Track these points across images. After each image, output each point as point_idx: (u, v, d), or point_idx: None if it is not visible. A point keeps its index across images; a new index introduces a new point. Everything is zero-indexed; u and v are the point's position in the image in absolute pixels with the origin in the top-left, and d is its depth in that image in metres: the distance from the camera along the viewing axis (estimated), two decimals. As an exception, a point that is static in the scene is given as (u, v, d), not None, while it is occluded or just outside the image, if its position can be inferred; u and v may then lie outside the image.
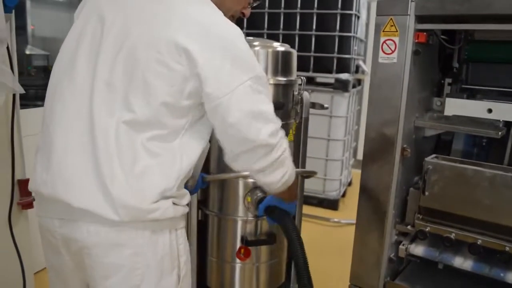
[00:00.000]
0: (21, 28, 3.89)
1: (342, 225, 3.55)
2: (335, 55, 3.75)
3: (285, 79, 1.59)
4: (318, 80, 3.93)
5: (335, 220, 3.64)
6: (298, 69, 3.91)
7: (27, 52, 3.25)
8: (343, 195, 4.15)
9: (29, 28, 3.93)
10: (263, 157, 1.11)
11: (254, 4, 1.40)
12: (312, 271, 2.61)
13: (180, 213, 1.13)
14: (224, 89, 1.05)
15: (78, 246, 1.08)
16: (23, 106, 1.99)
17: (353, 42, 3.79)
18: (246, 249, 1.59)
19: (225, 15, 1.14)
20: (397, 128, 1.59)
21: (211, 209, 1.67)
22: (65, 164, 1.07)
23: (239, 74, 1.06)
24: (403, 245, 1.70)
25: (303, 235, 1.42)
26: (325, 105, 1.74)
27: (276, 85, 1.57)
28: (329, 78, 3.81)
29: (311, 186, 3.98)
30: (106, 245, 1.06)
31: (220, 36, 1.07)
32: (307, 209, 3.82)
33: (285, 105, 1.59)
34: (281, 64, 1.59)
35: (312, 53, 3.80)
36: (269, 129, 1.11)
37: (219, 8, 1.13)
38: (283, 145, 1.15)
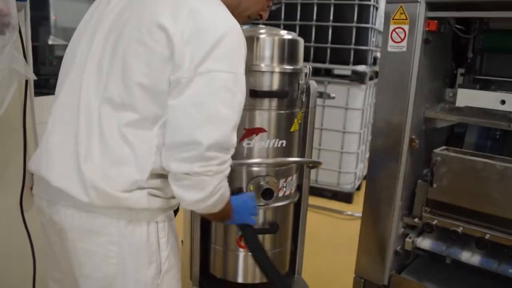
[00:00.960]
0: (44, 19, 3.96)
1: (355, 218, 3.52)
2: (352, 46, 3.70)
3: (291, 67, 1.57)
4: (336, 72, 3.89)
5: (348, 213, 3.61)
6: (315, 61, 3.90)
7: (50, 42, 3.31)
8: (358, 189, 4.11)
9: (52, 18, 4.00)
10: (185, 161, 0.98)
11: (273, 8, 1.36)
12: (323, 263, 2.61)
13: (157, 205, 1.08)
14: (190, 70, 0.97)
15: (58, 229, 1.09)
16: (45, 94, 2.02)
17: (371, 34, 3.74)
18: (247, 237, 1.59)
19: (240, 14, 1.10)
20: (405, 118, 1.56)
21: (215, 197, 1.67)
22: (51, 142, 1.09)
23: (215, 63, 0.98)
24: (409, 238, 1.67)
25: (316, 227, 1.41)
26: (332, 95, 1.71)
27: (282, 73, 1.56)
28: (346, 70, 3.76)
29: (325, 178, 3.96)
30: (81, 230, 1.06)
31: (208, 24, 1.00)
32: (320, 202, 3.83)
33: (290, 94, 1.57)
34: (287, 52, 1.57)
35: (329, 45, 3.76)
36: (215, 137, 0.98)
37: (236, 7, 1.09)
38: (221, 166, 1.01)
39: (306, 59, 3.68)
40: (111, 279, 1.07)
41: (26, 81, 1.84)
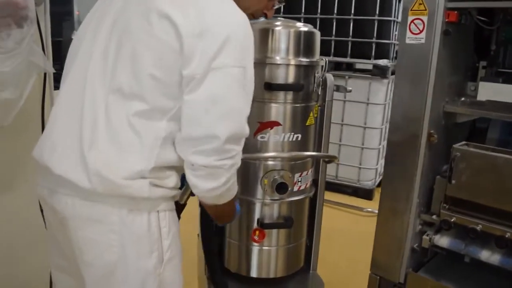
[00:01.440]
0: (67, 14, 4.03)
1: (375, 215, 3.45)
2: (374, 40, 3.63)
3: (306, 60, 1.55)
4: (357, 66, 3.83)
5: (369, 209, 3.56)
6: (336, 55, 3.84)
7: (73, 37, 3.36)
8: (379, 185, 4.04)
9: (75, 13, 4.06)
10: (204, 154, 1.01)
11: (277, 6, 1.36)
12: (340, 260, 2.57)
13: (158, 194, 1.08)
14: (204, 65, 0.98)
15: (60, 217, 1.10)
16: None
17: (393, 27, 3.66)
18: (261, 231, 1.58)
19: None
20: (424, 112, 1.52)
21: (229, 191, 1.66)
22: (55, 129, 1.10)
23: (227, 58, 0.99)
24: (427, 235, 1.63)
25: (334, 223, 1.38)
26: (349, 88, 1.67)
27: (297, 66, 1.54)
28: (368, 64, 3.70)
29: (345, 174, 3.92)
30: (82, 218, 1.06)
31: (217, 18, 1.01)
32: (340, 198, 3.78)
33: (306, 87, 1.54)
34: (303, 45, 1.54)
35: (350, 38, 3.70)
36: (231, 129, 1.01)
37: (237, 4, 1.09)
38: (235, 159, 1.04)
39: (326, 53, 3.64)
40: (113, 267, 1.08)
41: (45, 74, 1.87)
